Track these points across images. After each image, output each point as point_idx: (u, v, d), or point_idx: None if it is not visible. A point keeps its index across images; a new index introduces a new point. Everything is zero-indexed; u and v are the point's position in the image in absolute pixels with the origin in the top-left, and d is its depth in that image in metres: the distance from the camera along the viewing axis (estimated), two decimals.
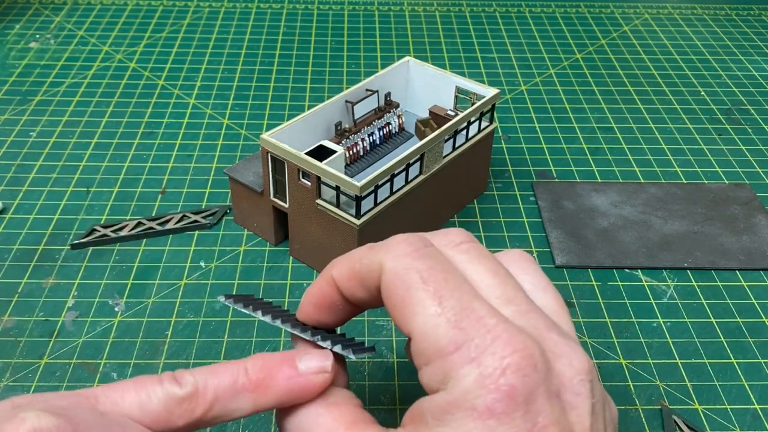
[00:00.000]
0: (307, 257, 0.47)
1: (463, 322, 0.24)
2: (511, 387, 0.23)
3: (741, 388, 0.41)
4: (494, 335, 0.24)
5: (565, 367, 0.25)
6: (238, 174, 0.47)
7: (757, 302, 0.47)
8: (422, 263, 0.26)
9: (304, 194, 0.44)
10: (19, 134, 0.59)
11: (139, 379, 0.27)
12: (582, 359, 0.26)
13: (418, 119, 0.52)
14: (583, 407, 0.25)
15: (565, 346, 0.26)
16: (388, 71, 0.52)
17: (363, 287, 0.28)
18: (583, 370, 0.25)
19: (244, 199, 0.48)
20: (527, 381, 0.23)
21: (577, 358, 0.25)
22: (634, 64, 0.73)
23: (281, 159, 0.43)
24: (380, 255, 0.27)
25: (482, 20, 0.81)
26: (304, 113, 0.47)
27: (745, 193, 0.55)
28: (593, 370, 0.26)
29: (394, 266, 0.26)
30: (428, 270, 0.26)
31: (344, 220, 0.43)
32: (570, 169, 0.58)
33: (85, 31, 0.75)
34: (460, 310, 0.25)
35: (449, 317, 0.25)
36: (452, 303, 0.25)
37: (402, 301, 0.26)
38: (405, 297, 0.26)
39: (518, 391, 0.23)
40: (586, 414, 0.25)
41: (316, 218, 0.44)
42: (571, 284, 0.47)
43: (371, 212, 0.43)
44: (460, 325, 0.24)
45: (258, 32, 0.76)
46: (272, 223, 0.48)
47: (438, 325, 0.25)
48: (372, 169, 0.49)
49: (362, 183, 0.40)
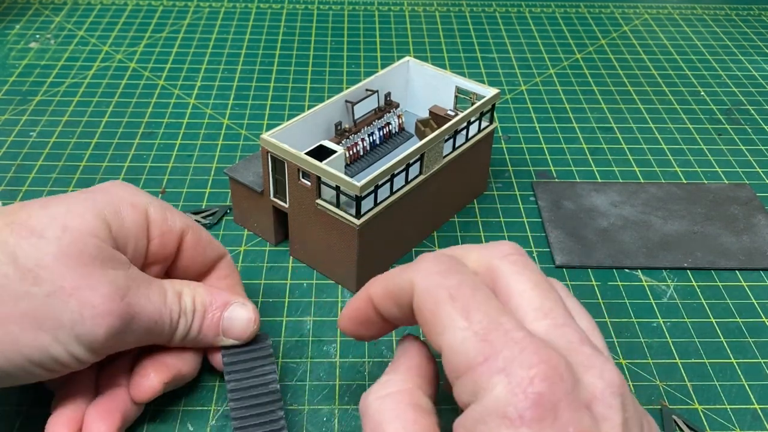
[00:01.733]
0: (307, 257, 0.47)
1: (491, 335, 0.25)
2: (538, 395, 0.24)
3: (741, 388, 0.41)
4: (522, 347, 0.25)
5: (596, 379, 0.26)
6: (238, 174, 0.47)
7: (757, 302, 0.47)
8: (451, 280, 0.27)
9: (304, 194, 0.44)
10: (19, 134, 0.59)
11: None
12: (613, 373, 0.26)
13: (418, 119, 0.52)
14: (615, 419, 0.25)
15: (596, 359, 0.26)
16: (388, 71, 0.52)
17: (396, 305, 0.30)
18: (613, 383, 0.26)
19: (244, 199, 0.48)
20: (554, 390, 0.24)
21: (608, 371, 0.26)
22: (634, 64, 0.73)
23: (281, 159, 0.43)
24: (411, 274, 0.28)
25: (482, 20, 0.81)
26: (304, 113, 0.47)
27: (745, 193, 0.55)
28: (625, 385, 0.26)
29: (425, 284, 0.28)
30: (457, 287, 0.27)
31: (344, 220, 0.43)
32: (570, 169, 0.58)
33: (85, 31, 0.75)
34: (487, 324, 0.26)
35: (477, 330, 0.26)
36: (480, 317, 0.26)
37: (432, 317, 0.27)
38: (435, 313, 0.27)
39: (546, 398, 0.24)
40: (618, 426, 0.25)
41: (316, 218, 0.44)
42: (571, 284, 0.47)
43: (371, 212, 0.43)
44: (487, 338, 0.25)
45: (258, 32, 0.76)
46: (272, 223, 0.48)
47: (466, 339, 0.26)
48: (372, 169, 0.49)
49: (362, 183, 0.40)
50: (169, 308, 0.35)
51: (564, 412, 0.24)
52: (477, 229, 0.51)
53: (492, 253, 0.30)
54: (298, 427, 0.38)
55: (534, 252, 0.50)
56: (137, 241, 0.35)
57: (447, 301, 0.27)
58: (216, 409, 0.39)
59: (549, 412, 0.24)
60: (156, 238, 0.36)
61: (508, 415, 0.24)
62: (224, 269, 0.40)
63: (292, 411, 0.39)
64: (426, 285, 0.28)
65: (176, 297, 0.36)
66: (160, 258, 0.37)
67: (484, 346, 0.25)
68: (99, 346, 0.32)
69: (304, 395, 0.40)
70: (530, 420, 0.24)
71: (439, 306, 0.27)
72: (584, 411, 0.25)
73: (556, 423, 0.24)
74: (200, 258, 0.38)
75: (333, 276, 0.46)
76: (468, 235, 0.51)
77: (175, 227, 0.37)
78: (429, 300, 0.27)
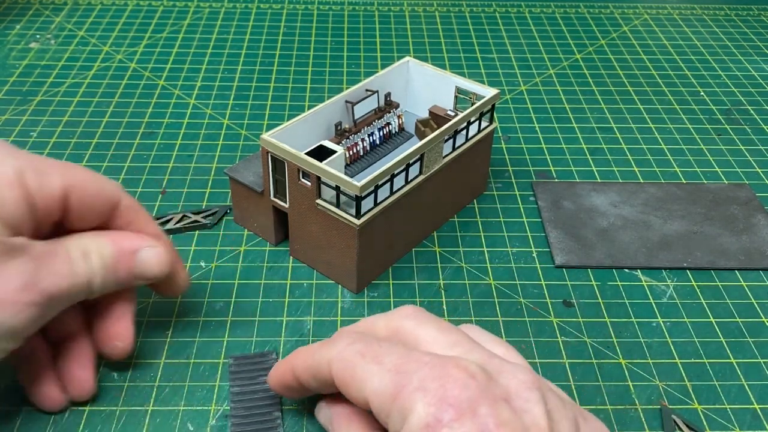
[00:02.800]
0: (307, 257, 0.47)
1: (403, 367, 0.28)
2: (454, 398, 0.26)
3: (740, 387, 0.41)
4: (432, 365, 0.28)
5: (509, 379, 0.28)
6: (239, 174, 0.47)
7: (756, 302, 0.47)
8: (359, 345, 0.31)
9: (304, 194, 0.44)
10: (20, 134, 0.59)
11: None
12: (526, 372, 0.29)
13: (418, 119, 0.52)
14: (535, 410, 0.27)
15: (507, 365, 0.29)
16: (388, 71, 0.52)
17: (314, 379, 0.33)
18: (527, 380, 0.28)
19: (244, 199, 0.48)
20: (468, 390, 0.27)
21: (521, 372, 0.29)
22: (634, 64, 0.73)
23: (281, 159, 0.44)
24: (327, 352, 0.32)
25: (482, 20, 0.81)
26: (304, 113, 0.47)
27: (745, 193, 0.55)
28: (541, 382, 0.29)
29: (339, 356, 0.31)
30: (365, 347, 0.31)
31: (344, 220, 0.43)
32: (570, 169, 0.58)
33: (86, 32, 0.75)
34: (397, 360, 0.29)
35: (390, 369, 0.29)
36: (390, 359, 0.29)
37: (351, 378, 0.30)
38: (353, 374, 0.30)
39: (461, 399, 0.26)
40: (541, 416, 0.27)
41: (316, 218, 0.44)
42: (570, 284, 0.47)
43: (371, 212, 0.43)
44: (400, 370, 0.28)
45: (258, 32, 0.76)
46: (272, 223, 0.48)
47: (383, 378, 0.29)
48: (372, 169, 0.49)
49: (362, 183, 0.41)
50: (80, 274, 0.36)
51: (481, 408, 0.26)
52: (477, 229, 0.51)
53: (394, 317, 0.33)
54: (298, 427, 0.38)
55: (534, 252, 0.50)
56: (26, 215, 0.34)
57: (359, 360, 0.30)
58: (216, 409, 0.39)
59: (467, 411, 0.26)
60: (40, 205, 0.35)
61: (430, 424, 0.26)
62: (127, 214, 0.39)
63: (292, 411, 0.39)
64: (340, 357, 0.31)
65: (83, 259, 0.36)
66: (50, 221, 0.36)
67: (399, 377, 0.28)
68: (22, 334, 0.33)
69: None
70: (450, 421, 0.26)
71: (355, 366, 0.30)
72: (503, 404, 0.27)
73: (476, 419, 0.26)
74: (93, 213, 0.38)
75: (333, 276, 0.46)
76: (468, 234, 0.51)
77: (54, 193, 0.35)
78: (346, 366, 0.31)
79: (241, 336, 0.43)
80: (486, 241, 0.51)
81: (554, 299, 0.46)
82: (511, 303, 0.46)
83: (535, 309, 0.46)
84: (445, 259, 0.49)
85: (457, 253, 0.49)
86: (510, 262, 0.49)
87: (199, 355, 0.42)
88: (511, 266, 0.49)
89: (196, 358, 0.42)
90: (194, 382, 0.40)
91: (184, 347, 0.42)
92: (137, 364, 0.41)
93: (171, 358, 0.41)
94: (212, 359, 0.42)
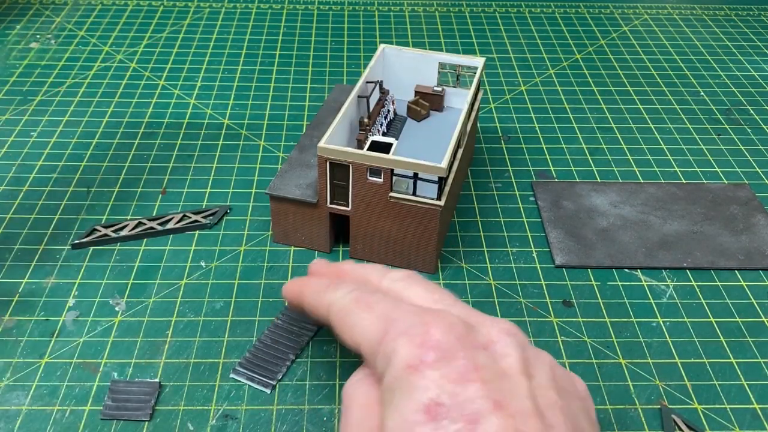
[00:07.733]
0: (373, 253, 0.48)
1: (391, 314, 0.31)
2: (436, 341, 0.28)
3: (740, 387, 0.41)
4: (416, 313, 0.30)
5: (489, 329, 0.30)
6: (282, 191, 0.47)
7: (756, 302, 0.47)
8: (355, 293, 0.33)
9: (374, 191, 0.44)
10: (20, 134, 0.59)
11: None
12: (504, 323, 0.31)
13: (409, 101, 0.54)
14: (513, 355, 0.29)
15: (487, 318, 0.31)
16: (373, 65, 0.52)
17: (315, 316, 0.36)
18: (505, 329, 0.30)
19: (290, 215, 0.48)
20: (449, 335, 0.29)
21: (499, 323, 0.31)
22: (634, 64, 0.73)
23: (344, 163, 0.44)
24: (329, 296, 0.34)
25: (482, 20, 0.81)
26: (337, 116, 0.46)
27: (745, 193, 0.55)
28: (520, 333, 0.31)
29: (338, 302, 0.33)
30: (359, 295, 0.33)
31: (424, 205, 0.44)
32: (569, 169, 0.58)
33: (86, 32, 0.75)
34: (385, 307, 0.31)
35: (379, 315, 0.31)
36: (380, 306, 0.31)
37: (345, 323, 0.32)
38: (347, 319, 0.32)
39: (442, 343, 0.28)
40: (516, 361, 0.29)
41: (388, 212, 0.45)
42: (570, 284, 0.47)
43: (444, 191, 0.45)
44: (389, 316, 0.30)
45: (258, 32, 0.77)
46: (327, 231, 0.48)
47: (372, 323, 0.31)
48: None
49: (445, 164, 0.42)
50: None
51: (460, 352, 0.28)
52: (477, 229, 0.51)
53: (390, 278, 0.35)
54: (298, 427, 0.38)
55: (534, 252, 0.50)
56: None
57: (353, 306, 0.32)
58: (216, 409, 0.39)
59: (447, 353, 0.28)
60: None
61: (412, 364, 0.28)
62: None
63: (292, 411, 0.39)
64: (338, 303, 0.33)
65: None
66: None
67: (387, 323, 0.30)
68: None
69: (304, 395, 0.40)
70: (432, 362, 0.28)
71: (348, 312, 0.32)
72: (480, 350, 0.29)
73: (454, 362, 0.28)
74: None
75: (406, 264, 0.47)
76: (468, 234, 0.51)
77: None
78: (341, 312, 0.33)
79: (241, 336, 0.43)
80: (486, 241, 0.51)
81: (554, 299, 0.46)
82: (511, 303, 0.46)
83: (535, 309, 0.46)
84: (445, 259, 0.49)
85: (457, 253, 0.49)
86: (510, 262, 0.49)
87: (199, 354, 0.42)
88: (511, 266, 0.49)
89: (196, 357, 0.42)
90: (194, 382, 0.40)
91: (184, 347, 0.42)
92: (138, 364, 0.41)
93: (171, 358, 0.42)
94: (212, 359, 0.42)
